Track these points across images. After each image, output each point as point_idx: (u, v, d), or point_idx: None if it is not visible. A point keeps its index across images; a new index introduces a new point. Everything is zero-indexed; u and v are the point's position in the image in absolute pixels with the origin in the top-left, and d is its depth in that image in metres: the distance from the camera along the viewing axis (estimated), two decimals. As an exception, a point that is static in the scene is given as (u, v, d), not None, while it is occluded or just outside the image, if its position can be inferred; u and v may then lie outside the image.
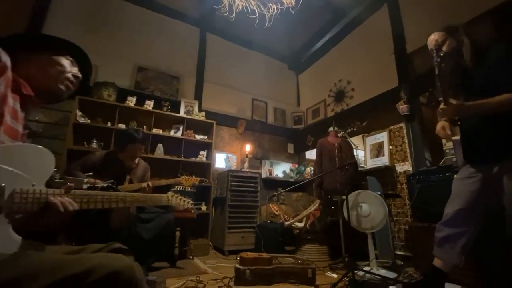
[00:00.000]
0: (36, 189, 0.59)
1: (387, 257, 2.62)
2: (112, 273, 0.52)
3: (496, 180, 1.34)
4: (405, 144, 2.93)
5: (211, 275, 2.10)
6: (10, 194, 0.55)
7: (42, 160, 0.62)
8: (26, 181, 0.58)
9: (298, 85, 5.19)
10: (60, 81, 0.73)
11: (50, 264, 0.52)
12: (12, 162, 0.56)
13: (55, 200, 0.60)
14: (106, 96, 2.90)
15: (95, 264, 0.53)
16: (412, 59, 3.01)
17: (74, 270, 0.50)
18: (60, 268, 0.51)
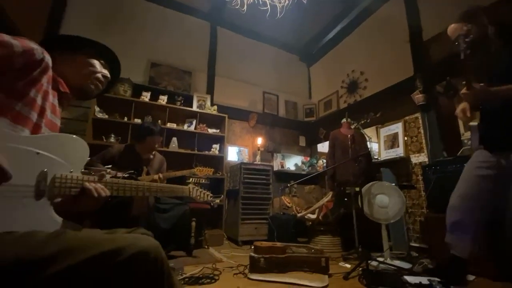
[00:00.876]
0: (73, 175, 0.64)
1: (401, 248, 2.62)
2: (140, 251, 0.56)
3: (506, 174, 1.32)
4: (421, 134, 2.86)
5: (226, 263, 2.18)
6: (51, 179, 0.61)
7: (78, 149, 0.68)
8: (65, 168, 0.64)
9: (310, 77, 5.13)
10: (91, 81, 0.78)
11: (86, 241, 0.57)
12: (52, 150, 0.61)
13: (90, 186, 0.66)
14: (122, 92, 3.00)
15: (125, 243, 0.57)
16: (428, 47, 2.91)
17: (106, 248, 0.55)
18: (95, 245, 0.55)
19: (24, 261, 0.49)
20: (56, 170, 0.62)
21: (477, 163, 1.49)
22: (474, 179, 1.47)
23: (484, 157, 1.45)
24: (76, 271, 0.52)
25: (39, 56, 0.60)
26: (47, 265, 0.50)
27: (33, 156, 0.58)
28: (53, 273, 0.50)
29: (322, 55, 4.80)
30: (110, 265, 0.54)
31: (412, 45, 3.08)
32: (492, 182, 1.40)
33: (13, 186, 0.54)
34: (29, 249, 0.50)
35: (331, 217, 2.91)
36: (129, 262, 0.55)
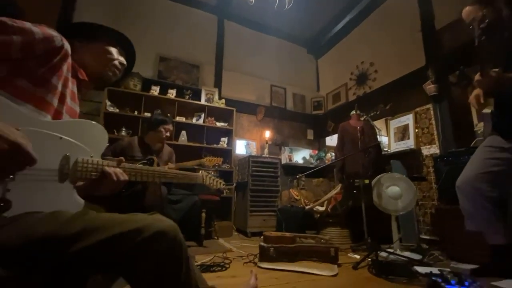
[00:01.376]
0: (94, 160, 0.67)
1: (411, 241, 2.60)
2: (159, 231, 0.58)
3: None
4: (432, 126, 2.81)
5: (236, 253, 2.22)
6: (74, 163, 0.64)
7: (97, 135, 0.71)
8: (86, 152, 0.66)
9: (318, 69, 5.07)
10: (109, 68, 0.80)
11: (108, 221, 0.60)
12: (74, 135, 0.64)
13: (110, 170, 0.68)
14: (132, 86, 3.04)
15: (145, 223, 0.59)
16: (441, 36, 2.83)
17: (127, 227, 0.57)
18: (117, 224, 0.58)
19: (52, 238, 0.52)
20: (77, 155, 0.64)
21: (486, 147, 1.46)
22: (481, 161, 1.45)
23: (498, 142, 1.42)
24: (99, 248, 0.54)
25: (58, 43, 0.62)
26: (72, 242, 0.52)
27: (56, 141, 0.61)
28: (78, 250, 0.53)
29: (330, 47, 4.73)
30: (131, 243, 0.56)
31: (424, 34, 3.00)
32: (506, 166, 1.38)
33: (38, 170, 0.57)
34: (56, 227, 0.53)
35: (340, 209, 2.91)
36: (149, 241, 0.57)
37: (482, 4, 1.36)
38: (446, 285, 1.26)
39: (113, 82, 0.85)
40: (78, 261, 0.53)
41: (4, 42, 0.52)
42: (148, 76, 3.41)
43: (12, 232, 0.51)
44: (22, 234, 0.51)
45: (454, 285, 1.25)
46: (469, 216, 1.50)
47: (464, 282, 1.27)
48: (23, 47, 0.55)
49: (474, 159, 1.51)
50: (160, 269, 0.58)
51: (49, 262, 0.52)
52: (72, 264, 0.53)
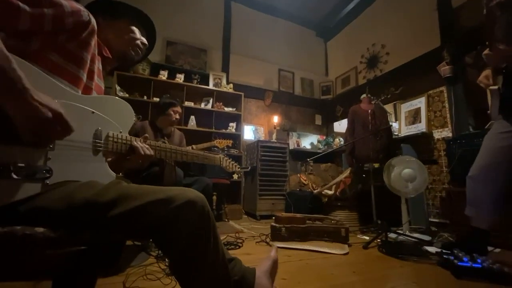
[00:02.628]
0: (123, 135, 0.69)
1: (420, 223, 2.63)
2: (190, 201, 0.61)
3: None
4: (445, 109, 2.76)
5: (247, 233, 2.28)
6: (105, 137, 0.66)
7: (125, 111, 0.72)
8: (115, 128, 0.68)
9: (327, 53, 4.96)
10: (132, 47, 0.80)
11: (141, 190, 0.62)
12: (104, 111, 0.66)
13: (137, 145, 0.70)
14: (141, 71, 3.04)
15: (175, 193, 0.62)
16: (458, 15, 2.72)
17: (159, 196, 0.60)
18: (148, 193, 0.60)
19: (91, 204, 0.55)
20: (108, 129, 0.66)
21: (497, 134, 1.44)
22: (496, 149, 1.43)
23: (504, 127, 1.40)
24: (134, 214, 0.57)
25: (86, 18, 0.62)
26: (109, 208, 0.55)
27: (89, 115, 0.63)
28: (115, 215, 0.55)
29: (340, 29, 4.59)
30: (164, 211, 0.59)
31: (440, 13, 2.88)
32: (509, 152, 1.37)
33: (74, 141, 0.59)
34: (93, 194, 0.56)
35: (349, 193, 2.94)
36: (181, 209, 0.60)
37: None
38: (458, 262, 1.29)
39: (135, 62, 0.86)
40: (116, 225, 0.56)
41: (37, 14, 0.52)
42: (156, 60, 3.39)
43: (56, 197, 0.54)
44: (64, 200, 0.54)
45: (466, 262, 1.28)
46: (474, 204, 1.51)
47: (477, 259, 1.29)
48: (55, 19, 0.55)
49: (486, 147, 1.50)
50: (191, 235, 0.61)
51: (90, 225, 0.55)
52: (111, 228, 0.56)
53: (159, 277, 1.13)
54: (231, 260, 0.76)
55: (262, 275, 0.81)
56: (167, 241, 0.61)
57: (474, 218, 1.52)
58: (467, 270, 1.24)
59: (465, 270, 1.24)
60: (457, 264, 1.28)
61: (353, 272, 1.33)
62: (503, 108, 1.39)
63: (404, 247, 1.83)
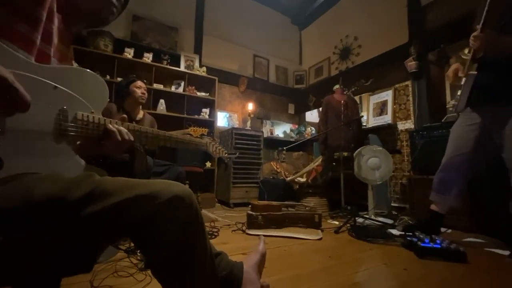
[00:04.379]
0: (95, 116, 0.58)
1: (382, 208, 2.85)
2: (176, 196, 0.54)
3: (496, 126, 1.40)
4: (409, 102, 2.96)
5: (222, 222, 2.25)
6: (72, 119, 0.54)
7: (98, 87, 0.60)
8: (85, 107, 0.57)
9: (301, 41, 4.96)
10: (104, 3, 0.66)
11: (120, 184, 0.53)
12: (70, 86, 0.54)
13: (113, 128, 0.60)
14: (103, 47, 2.72)
15: (160, 188, 0.54)
16: (425, 13, 2.88)
17: (141, 191, 0.52)
18: (129, 188, 0.52)
19: (56, 201, 0.45)
20: (76, 109, 0.55)
21: (465, 126, 1.57)
22: (463, 140, 1.57)
23: (471, 119, 1.53)
24: (112, 213, 0.49)
25: None
26: (82, 206, 0.46)
27: (50, 90, 0.50)
28: (88, 214, 0.47)
29: (315, 18, 4.59)
30: (146, 209, 0.51)
31: (410, 10, 3.02)
32: (476, 142, 1.51)
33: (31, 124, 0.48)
34: (60, 189, 0.46)
35: (320, 180, 3.05)
36: (166, 206, 0.53)
37: None
38: (421, 244, 1.41)
39: (109, 22, 0.72)
40: (89, 226, 0.48)
41: None
42: (120, 36, 3.05)
43: (7, 194, 0.43)
44: (20, 196, 0.43)
45: (428, 243, 1.41)
46: (439, 191, 1.65)
47: (436, 240, 1.43)
48: None
49: (454, 138, 1.62)
50: (178, 236, 0.55)
51: (55, 228, 0.46)
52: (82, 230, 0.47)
53: (132, 273, 1.05)
54: (217, 255, 0.72)
55: (251, 269, 0.78)
56: (150, 242, 0.54)
57: (439, 203, 1.66)
58: (428, 250, 1.36)
59: (427, 250, 1.37)
60: (419, 245, 1.40)
61: (329, 257, 1.37)
62: (472, 98, 1.47)
63: (371, 230, 1.96)
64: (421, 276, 1.14)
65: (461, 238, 1.76)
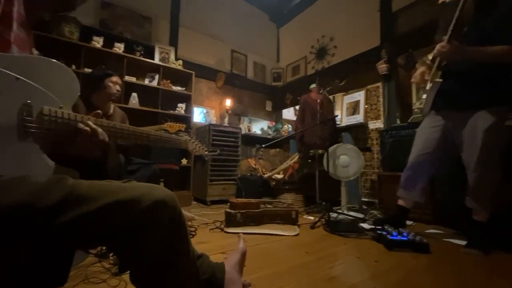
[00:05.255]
0: (64, 112, 0.52)
1: (354, 203, 2.99)
2: (158, 201, 0.51)
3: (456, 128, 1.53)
4: (380, 103, 3.13)
5: (199, 221, 2.21)
6: (38, 114, 0.48)
7: (67, 79, 0.54)
8: (53, 101, 0.51)
9: (279, 39, 4.98)
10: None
11: (97, 189, 0.50)
12: (35, 77, 0.48)
13: (85, 127, 0.55)
14: (68, 34, 2.49)
15: (141, 192, 0.51)
16: (396, 18, 3.04)
17: (121, 197, 0.48)
18: (108, 193, 0.49)
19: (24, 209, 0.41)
20: (42, 104, 0.49)
21: (429, 128, 1.70)
22: (427, 141, 1.69)
23: (435, 121, 1.66)
24: (88, 222, 0.45)
25: None
26: (54, 214, 0.42)
27: (11, 82, 0.44)
28: (63, 222, 0.43)
29: (292, 16, 4.64)
30: (126, 215, 0.48)
31: (382, 15, 3.18)
32: (439, 142, 1.64)
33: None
34: (28, 195, 0.41)
35: (297, 177, 3.12)
36: (149, 212, 0.50)
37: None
38: (390, 237, 1.51)
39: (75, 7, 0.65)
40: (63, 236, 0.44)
41: None
42: (87, 23, 2.82)
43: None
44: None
45: (396, 236, 1.51)
46: (406, 187, 1.78)
47: (403, 233, 1.54)
48: None
49: (420, 139, 1.74)
50: (160, 243, 0.52)
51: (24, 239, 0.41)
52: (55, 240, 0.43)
53: (105, 279, 0.99)
54: (199, 257, 0.71)
55: (232, 269, 0.77)
56: (130, 250, 0.50)
57: (405, 198, 1.78)
58: (396, 243, 1.46)
59: (395, 242, 1.46)
60: (388, 238, 1.50)
61: (306, 253, 1.41)
62: (436, 102, 1.59)
63: (344, 225, 2.05)
64: (390, 267, 1.22)
65: (424, 230, 1.92)
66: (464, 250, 1.45)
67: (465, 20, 1.42)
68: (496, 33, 1.34)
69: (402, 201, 1.83)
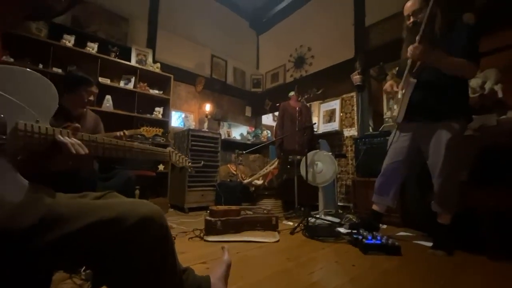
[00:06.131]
0: (41, 126, 0.49)
1: (330, 207, 3.10)
2: (144, 218, 0.50)
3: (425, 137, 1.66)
4: (354, 111, 3.29)
5: (177, 229, 2.14)
6: (12, 129, 0.45)
7: (44, 91, 0.50)
8: (29, 116, 0.48)
9: (259, 46, 5.06)
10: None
11: (78, 207, 0.48)
12: (10, 89, 0.44)
13: (65, 140, 0.52)
14: (35, 31, 2.32)
15: (126, 209, 0.50)
16: (369, 32, 3.24)
17: (105, 215, 0.47)
18: (90, 212, 0.47)
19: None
20: (16, 117, 0.45)
21: (401, 136, 1.83)
22: (398, 149, 1.82)
23: (405, 130, 1.78)
24: (69, 243, 0.43)
25: None
26: (31, 236, 0.40)
27: None
28: (41, 245, 0.40)
29: (272, 25, 4.75)
30: (111, 235, 0.47)
31: (356, 29, 3.36)
32: (408, 151, 1.77)
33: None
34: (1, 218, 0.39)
35: (276, 183, 3.16)
36: (134, 230, 0.49)
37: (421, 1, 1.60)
38: (365, 241, 1.58)
39: (56, 13, 0.61)
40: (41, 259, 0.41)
41: None
42: (57, 20, 2.65)
43: None
44: None
45: (371, 240, 1.59)
46: (379, 193, 1.89)
47: (377, 237, 1.62)
48: None
49: (392, 147, 1.85)
50: (148, 259, 0.51)
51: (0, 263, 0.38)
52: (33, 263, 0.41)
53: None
54: (184, 271, 0.69)
55: (218, 281, 0.77)
56: (113, 269, 0.49)
57: (379, 203, 1.89)
58: (371, 246, 1.54)
59: (370, 246, 1.54)
60: (364, 242, 1.57)
61: (287, 259, 1.44)
62: (407, 112, 1.70)
63: (322, 229, 2.12)
64: (367, 270, 1.28)
65: (395, 233, 2.04)
66: (430, 251, 1.57)
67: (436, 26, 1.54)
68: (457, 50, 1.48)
69: (376, 206, 1.94)
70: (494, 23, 2.22)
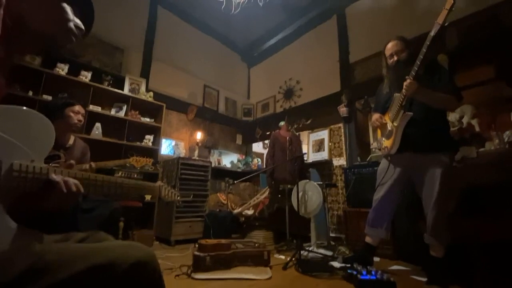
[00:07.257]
0: (36, 166, 0.47)
1: (322, 238, 3.03)
2: (137, 263, 0.48)
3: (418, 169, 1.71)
4: (342, 142, 3.39)
5: (162, 265, 2.01)
6: (7, 170, 0.43)
7: (41, 129, 0.50)
8: (25, 155, 0.46)
9: (250, 78, 5.27)
10: (63, 30, 0.57)
11: (67, 254, 0.46)
12: (8, 129, 0.44)
13: (58, 179, 0.50)
14: (29, 58, 2.33)
15: (118, 254, 0.48)
16: (353, 69, 3.47)
17: (96, 261, 0.45)
18: (79, 258, 0.45)
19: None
20: (12, 158, 0.44)
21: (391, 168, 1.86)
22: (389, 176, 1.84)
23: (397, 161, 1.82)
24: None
25: None
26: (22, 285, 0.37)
27: None
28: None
29: (263, 59, 5.01)
30: (102, 282, 0.44)
31: (341, 65, 3.60)
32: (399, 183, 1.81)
33: None
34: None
35: (267, 213, 3.10)
36: (126, 276, 0.47)
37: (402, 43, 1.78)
38: (360, 276, 1.54)
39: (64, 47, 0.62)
40: None
41: None
42: (52, 49, 2.69)
43: None
44: None
45: (366, 275, 1.54)
46: (373, 224, 1.88)
47: (372, 272, 1.58)
48: None
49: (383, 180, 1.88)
50: None
51: None
52: None
53: None
54: None
55: None
56: None
57: (372, 236, 1.87)
58: (366, 283, 1.49)
59: (365, 283, 1.49)
60: (359, 278, 1.53)
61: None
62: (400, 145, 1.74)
63: (315, 264, 2.05)
64: (363, 310, 1.23)
65: (388, 267, 2.00)
66: (426, 287, 1.53)
67: None
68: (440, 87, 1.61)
69: (369, 238, 1.91)
70: (466, 62, 2.45)
